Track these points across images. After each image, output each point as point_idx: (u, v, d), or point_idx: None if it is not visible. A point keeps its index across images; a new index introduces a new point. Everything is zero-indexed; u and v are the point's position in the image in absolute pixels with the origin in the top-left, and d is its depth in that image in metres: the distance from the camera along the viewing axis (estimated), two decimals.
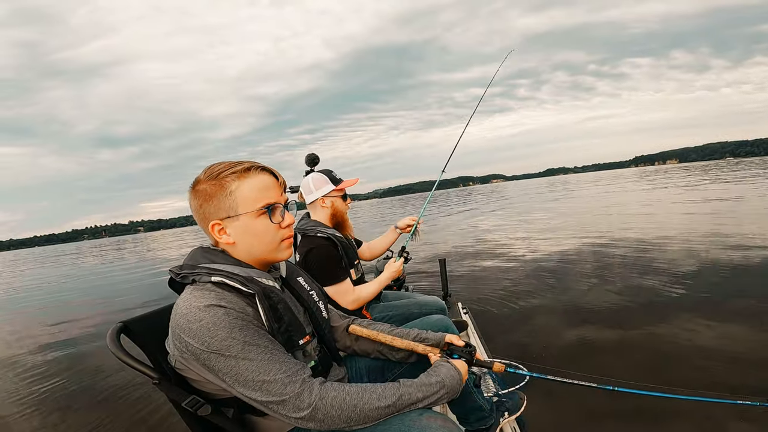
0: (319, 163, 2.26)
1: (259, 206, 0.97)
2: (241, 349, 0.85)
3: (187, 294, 0.92)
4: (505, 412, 1.53)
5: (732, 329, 2.80)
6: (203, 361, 0.87)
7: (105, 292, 8.99)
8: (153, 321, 1.06)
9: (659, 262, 4.88)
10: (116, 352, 0.91)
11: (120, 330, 0.97)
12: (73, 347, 4.54)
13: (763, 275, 3.95)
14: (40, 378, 3.61)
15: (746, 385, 2.09)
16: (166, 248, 23.66)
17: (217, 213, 0.97)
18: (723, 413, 1.84)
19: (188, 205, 1.02)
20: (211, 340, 0.85)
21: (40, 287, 11.83)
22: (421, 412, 0.93)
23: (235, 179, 0.96)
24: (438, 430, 0.88)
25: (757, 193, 12.63)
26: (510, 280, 4.86)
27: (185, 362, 0.91)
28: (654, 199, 14.38)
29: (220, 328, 0.85)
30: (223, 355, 0.85)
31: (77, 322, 5.99)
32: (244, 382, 0.86)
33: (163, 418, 2.52)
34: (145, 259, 16.99)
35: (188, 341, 0.86)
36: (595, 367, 2.46)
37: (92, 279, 12.50)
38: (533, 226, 10.42)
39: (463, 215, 16.77)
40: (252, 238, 0.99)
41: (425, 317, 1.45)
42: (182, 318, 0.88)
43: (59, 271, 17.62)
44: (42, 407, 2.98)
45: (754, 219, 7.44)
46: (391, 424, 0.92)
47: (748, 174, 23.28)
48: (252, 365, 0.86)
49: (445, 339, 1.20)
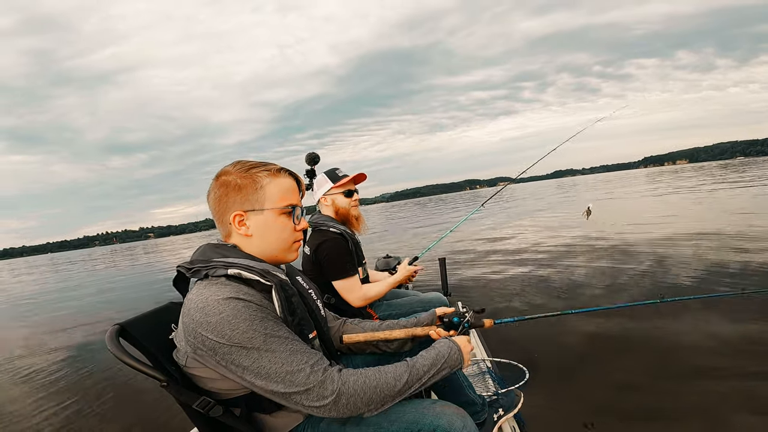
0: (319, 161, 2.29)
1: (284, 205, 1.02)
2: (263, 341, 0.86)
3: (200, 288, 0.91)
4: (499, 409, 1.53)
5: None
6: (222, 355, 0.86)
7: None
8: (150, 321, 1.05)
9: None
10: (119, 355, 0.90)
11: (118, 332, 0.96)
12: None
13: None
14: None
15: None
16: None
17: (242, 204, 1.00)
18: (725, 410, 1.82)
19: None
20: (232, 333, 0.84)
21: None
22: (434, 401, 0.98)
23: (267, 176, 1.01)
24: (452, 416, 0.94)
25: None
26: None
27: (200, 359, 0.89)
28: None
29: (240, 320, 0.85)
30: (245, 348, 0.85)
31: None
32: (266, 375, 0.86)
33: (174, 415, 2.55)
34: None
35: (206, 335, 0.85)
36: (599, 368, 2.44)
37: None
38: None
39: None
40: (270, 234, 1.02)
41: (426, 303, 1.43)
42: (198, 312, 0.86)
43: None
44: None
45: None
46: (406, 412, 0.95)
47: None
48: (275, 357, 0.86)
49: (436, 314, 1.27)
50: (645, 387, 2.14)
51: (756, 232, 5.90)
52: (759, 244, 5.10)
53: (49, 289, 13.45)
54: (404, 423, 0.94)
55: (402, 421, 0.95)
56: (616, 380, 2.24)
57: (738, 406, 1.87)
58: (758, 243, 5.19)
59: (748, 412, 1.81)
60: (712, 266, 4.36)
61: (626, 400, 2.03)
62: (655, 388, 2.11)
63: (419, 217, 22.06)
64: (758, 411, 1.82)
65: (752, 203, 9.90)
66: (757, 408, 1.84)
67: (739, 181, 17.85)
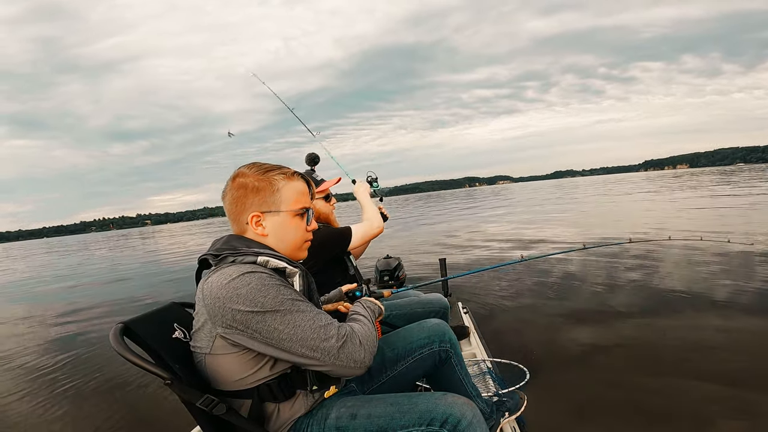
0: (319, 162, 2.28)
1: (299, 207, 1.09)
2: (292, 303, 0.93)
3: (222, 269, 0.96)
4: (505, 412, 1.54)
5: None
6: (256, 324, 0.89)
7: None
8: (152, 321, 1.07)
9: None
10: (123, 353, 0.91)
11: (122, 331, 0.97)
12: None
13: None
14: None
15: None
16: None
17: (260, 205, 1.05)
18: (719, 411, 1.85)
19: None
20: (264, 299, 0.90)
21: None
22: (444, 393, 1.03)
23: (283, 179, 1.07)
24: (463, 406, 0.99)
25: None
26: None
27: (229, 337, 0.92)
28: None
29: (268, 287, 0.91)
30: (278, 312, 0.90)
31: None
32: (302, 334, 0.91)
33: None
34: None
35: (237, 308, 0.89)
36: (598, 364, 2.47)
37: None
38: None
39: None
40: (285, 234, 1.08)
41: (422, 321, 1.45)
42: (225, 289, 0.91)
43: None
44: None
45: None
46: (418, 403, 0.99)
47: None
48: (307, 316, 0.93)
49: (343, 291, 1.52)
50: (641, 385, 2.17)
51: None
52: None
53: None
54: (417, 413, 0.97)
55: (414, 412, 0.98)
56: (617, 380, 2.26)
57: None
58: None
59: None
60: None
61: (625, 401, 2.05)
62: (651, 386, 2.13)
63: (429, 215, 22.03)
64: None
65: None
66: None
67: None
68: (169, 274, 9.68)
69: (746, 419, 1.78)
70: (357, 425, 0.98)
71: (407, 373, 1.32)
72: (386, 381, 1.31)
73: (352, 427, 0.98)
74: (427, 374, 1.40)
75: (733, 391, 2.00)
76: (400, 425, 0.96)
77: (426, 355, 1.32)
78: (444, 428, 0.95)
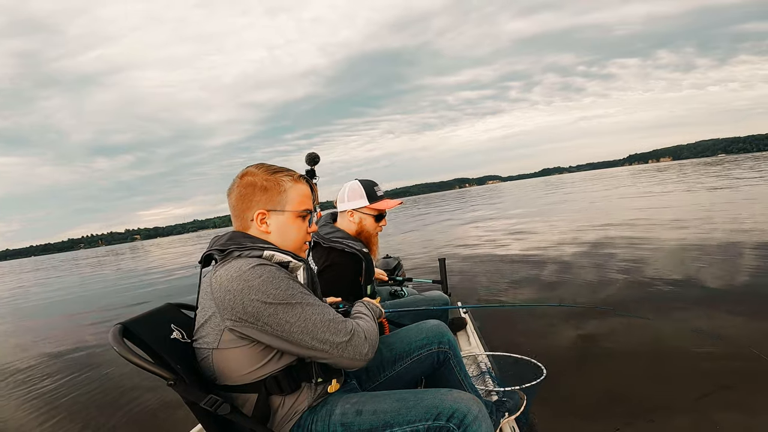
0: (319, 162, 2.25)
1: (302, 209, 1.12)
2: (302, 296, 0.95)
3: (230, 262, 0.98)
4: (506, 413, 1.53)
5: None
6: (267, 317, 0.90)
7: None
8: (150, 321, 1.06)
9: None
10: (125, 354, 0.89)
11: (122, 331, 0.96)
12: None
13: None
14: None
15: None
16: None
17: (266, 204, 1.08)
18: (718, 415, 1.84)
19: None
20: (275, 291, 0.92)
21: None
22: (450, 390, 1.04)
23: (290, 181, 1.11)
24: (469, 401, 1.00)
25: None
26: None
27: (239, 330, 0.92)
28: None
29: (279, 279, 0.94)
30: (290, 304, 0.92)
31: None
32: (312, 327, 0.93)
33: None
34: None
35: (249, 301, 0.90)
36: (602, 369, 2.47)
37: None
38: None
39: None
40: (287, 233, 1.11)
41: (421, 322, 1.43)
42: (236, 281, 0.92)
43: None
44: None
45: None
46: (424, 399, 1.00)
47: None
48: (316, 309, 0.96)
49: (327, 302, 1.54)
50: (641, 388, 2.17)
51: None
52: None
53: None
54: (423, 408, 0.98)
55: (421, 407, 0.98)
56: (615, 380, 2.25)
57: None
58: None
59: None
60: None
61: (626, 400, 2.05)
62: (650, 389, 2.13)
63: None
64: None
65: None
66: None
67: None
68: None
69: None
70: (363, 421, 0.98)
71: (406, 374, 1.32)
72: (384, 381, 1.31)
73: (357, 422, 0.99)
74: (426, 375, 1.39)
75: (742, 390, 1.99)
76: (406, 420, 0.97)
77: (424, 356, 1.32)
78: (451, 422, 0.96)
